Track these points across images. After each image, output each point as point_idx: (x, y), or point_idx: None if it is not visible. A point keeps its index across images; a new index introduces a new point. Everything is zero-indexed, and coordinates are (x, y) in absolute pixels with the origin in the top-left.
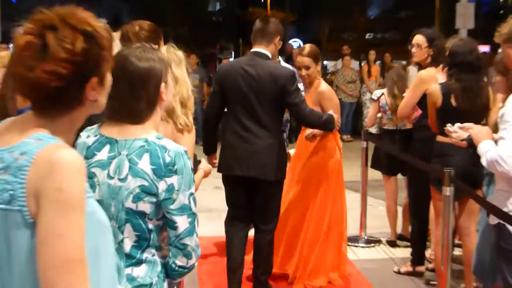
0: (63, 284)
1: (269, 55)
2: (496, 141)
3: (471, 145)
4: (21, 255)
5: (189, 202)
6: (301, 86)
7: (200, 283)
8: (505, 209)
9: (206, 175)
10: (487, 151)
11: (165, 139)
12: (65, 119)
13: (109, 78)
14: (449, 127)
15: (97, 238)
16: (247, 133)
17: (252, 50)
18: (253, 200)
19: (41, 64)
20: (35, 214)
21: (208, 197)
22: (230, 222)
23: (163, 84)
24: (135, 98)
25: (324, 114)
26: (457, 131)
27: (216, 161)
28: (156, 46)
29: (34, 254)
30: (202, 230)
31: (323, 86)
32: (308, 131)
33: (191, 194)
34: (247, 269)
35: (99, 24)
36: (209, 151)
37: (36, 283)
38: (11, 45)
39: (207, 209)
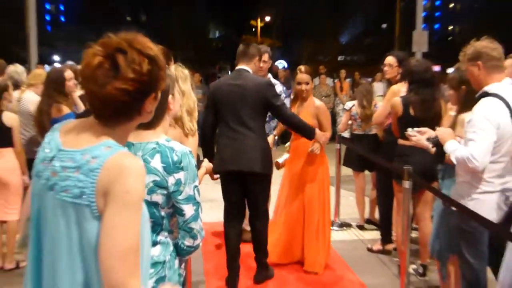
0: (122, 270)
1: (250, 71)
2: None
3: (437, 144)
4: (91, 243)
5: (194, 193)
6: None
7: (205, 260)
8: (469, 198)
9: (207, 171)
10: (455, 149)
11: (173, 141)
12: (124, 128)
13: (176, 92)
14: (409, 131)
15: (143, 230)
16: (236, 135)
17: (237, 68)
18: (246, 193)
19: (112, 82)
20: (101, 210)
21: (210, 190)
22: (226, 217)
23: (170, 96)
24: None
25: (304, 122)
26: (416, 135)
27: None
28: (167, 66)
29: (94, 240)
30: (205, 217)
31: (318, 101)
32: (315, 145)
33: (195, 186)
34: (246, 258)
35: (157, 49)
36: (208, 157)
37: (96, 270)
38: (46, 66)
39: (209, 199)
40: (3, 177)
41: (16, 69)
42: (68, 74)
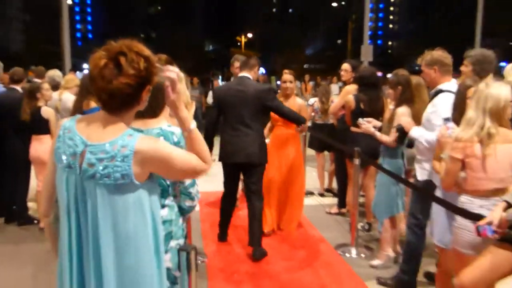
0: (194, 159)
1: (251, 78)
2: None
3: (402, 131)
4: (129, 206)
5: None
6: None
7: (201, 221)
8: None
9: None
10: (421, 135)
11: (172, 126)
12: (128, 115)
13: (179, 85)
14: (360, 121)
15: (156, 203)
16: (238, 133)
17: (240, 75)
18: (245, 180)
19: (117, 78)
20: (141, 180)
21: None
22: (224, 198)
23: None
24: (155, 101)
25: (296, 113)
26: (365, 123)
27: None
28: None
29: (137, 204)
30: (202, 188)
31: (299, 100)
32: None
33: None
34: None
35: (149, 51)
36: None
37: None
38: (78, 72)
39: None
40: (43, 157)
41: (56, 73)
42: None
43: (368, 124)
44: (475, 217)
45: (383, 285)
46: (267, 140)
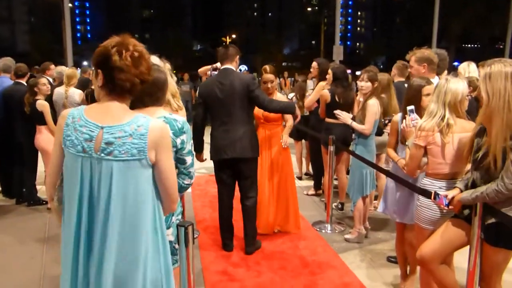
0: (176, 189)
1: (234, 68)
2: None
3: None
4: (141, 183)
5: (191, 148)
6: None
7: (193, 200)
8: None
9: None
10: None
11: (174, 114)
12: (127, 101)
13: None
14: (337, 112)
15: None
16: (228, 127)
17: (222, 67)
18: (238, 175)
19: (140, 67)
20: (152, 160)
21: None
22: (220, 196)
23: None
24: (159, 92)
25: (283, 102)
26: (341, 114)
27: (202, 157)
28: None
29: (148, 180)
30: (198, 171)
31: (280, 94)
32: (283, 141)
33: (191, 144)
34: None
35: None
36: (197, 150)
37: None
38: (79, 69)
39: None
40: (44, 146)
41: (63, 69)
42: None
43: (344, 115)
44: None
45: (391, 262)
46: None
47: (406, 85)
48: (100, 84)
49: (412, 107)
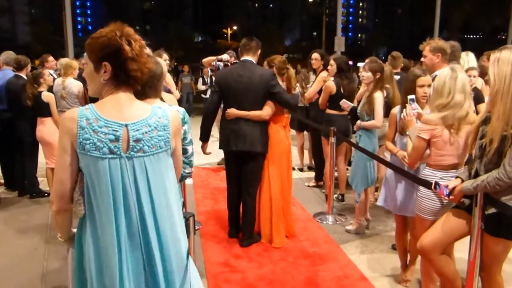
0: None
1: (254, 61)
2: None
3: (353, 110)
4: (169, 168)
5: (192, 138)
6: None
7: (195, 192)
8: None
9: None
10: None
11: (173, 105)
12: (132, 93)
13: None
14: (343, 102)
15: None
16: (239, 120)
17: (242, 59)
18: (242, 169)
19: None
20: (174, 147)
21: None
22: (228, 186)
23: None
24: (158, 84)
25: (292, 98)
26: (348, 103)
27: (206, 148)
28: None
29: (171, 166)
30: (195, 162)
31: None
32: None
33: (191, 140)
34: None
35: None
36: (204, 139)
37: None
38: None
39: (198, 151)
40: (47, 138)
41: (67, 60)
42: None
43: (348, 103)
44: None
45: (395, 250)
46: None
47: (397, 77)
48: (107, 78)
49: (413, 96)
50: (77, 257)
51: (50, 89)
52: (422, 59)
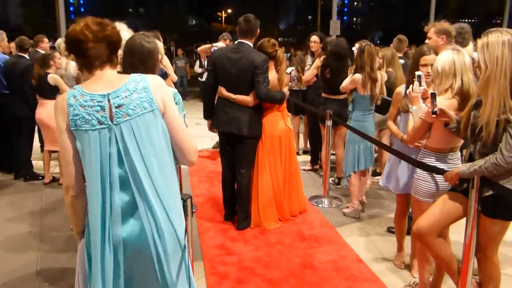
0: (190, 138)
1: (251, 44)
2: None
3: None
4: (160, 133)
5: (183, 119)
6: None
7: (190, 175)
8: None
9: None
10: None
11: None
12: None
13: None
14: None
15: None
16: (230, 102)
17: (238, 40)
18: (234, 150)
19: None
20: (162, 110)
21: (196, 127)
22: (222, 167)
23: (160, 56)
24: (151, 61)
25: (277, 92)
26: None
27: (211, 124)
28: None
29: (163, 129)
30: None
31: (270, 75)
32: None
33: (184, 114)
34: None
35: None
36: (207, 117)
37: (167, 149)
38: None
39: (196, 136)
40: (46, 121)
41: (62, 41)
42: None
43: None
44: (433, 170)
45: (392, 233)
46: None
47: (402, 61)
48: (78, 68)
49: (420, 72)
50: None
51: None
52: (427, 40)
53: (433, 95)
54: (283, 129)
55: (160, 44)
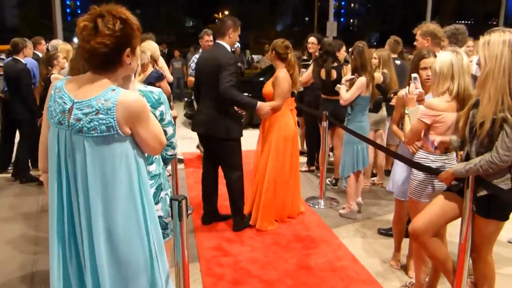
0: (159, 146)
1: (225, 44)
2: None
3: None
4: (115, 159)
5: (171, 119)
6: None
7: (187, 177)
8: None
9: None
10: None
11: (148, 86)
12: (113, 76)
13: (138, 50)
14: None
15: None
16: (206, 102)
17: (215, 41)
18: (213, 152)
19: (94, 38)
20: (128, 132)
21: (188, 130)
22: (203, 168)
23: (155, 58)
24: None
25: (246, 98)
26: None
27: None
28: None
29: (125, 154)
30: (185, 149)
31: (281, 73)
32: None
33: (171, 114)
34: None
35: (131, 15)
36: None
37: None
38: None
39: (188, 137)
40: None
41: (58, 42)
42: None
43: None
44: (429, 170)
45: (383, 235)
46: None
47: (397, 62)
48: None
49: (416, 75)
50: None
51: None
52: (415, 42)
53: (415, 78)
54: (294, 130)
55: (155, 46)
